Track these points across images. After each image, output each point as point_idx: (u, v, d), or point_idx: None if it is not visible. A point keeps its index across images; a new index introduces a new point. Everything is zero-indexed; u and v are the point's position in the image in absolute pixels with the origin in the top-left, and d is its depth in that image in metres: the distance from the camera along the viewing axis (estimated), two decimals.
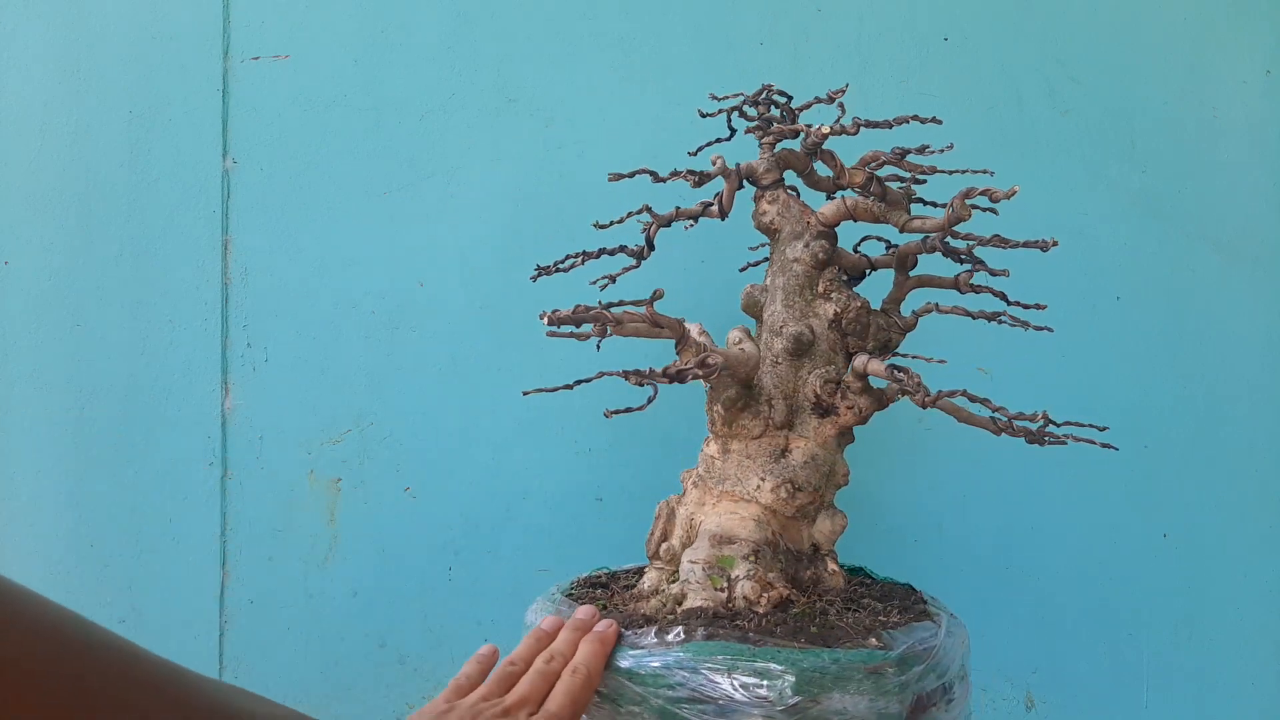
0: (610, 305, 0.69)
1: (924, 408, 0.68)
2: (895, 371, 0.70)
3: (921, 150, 0.73)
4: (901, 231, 0.76)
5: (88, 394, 1.07)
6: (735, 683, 0.61)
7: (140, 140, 1.07)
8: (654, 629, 0.66)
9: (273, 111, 1.08)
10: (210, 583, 1.07)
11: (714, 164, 0.78)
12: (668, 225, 0.78)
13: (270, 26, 1.08)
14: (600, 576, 0.81)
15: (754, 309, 0.80)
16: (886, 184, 0.75)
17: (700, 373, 0.69)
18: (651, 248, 0.79)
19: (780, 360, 0.75)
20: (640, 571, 0.79)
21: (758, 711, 0.60)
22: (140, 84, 1.07)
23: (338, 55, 1.08)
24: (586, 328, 0.69)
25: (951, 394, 0.67)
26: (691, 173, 0.77)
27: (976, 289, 0.74)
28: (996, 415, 0.68)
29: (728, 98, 0.80)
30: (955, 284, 0.75)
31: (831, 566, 0.75)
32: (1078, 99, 1.09)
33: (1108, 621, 1.09)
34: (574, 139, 1.08)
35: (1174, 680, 1.10)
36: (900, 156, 0.73)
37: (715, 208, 0.78)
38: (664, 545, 0.76)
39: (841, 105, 0.78)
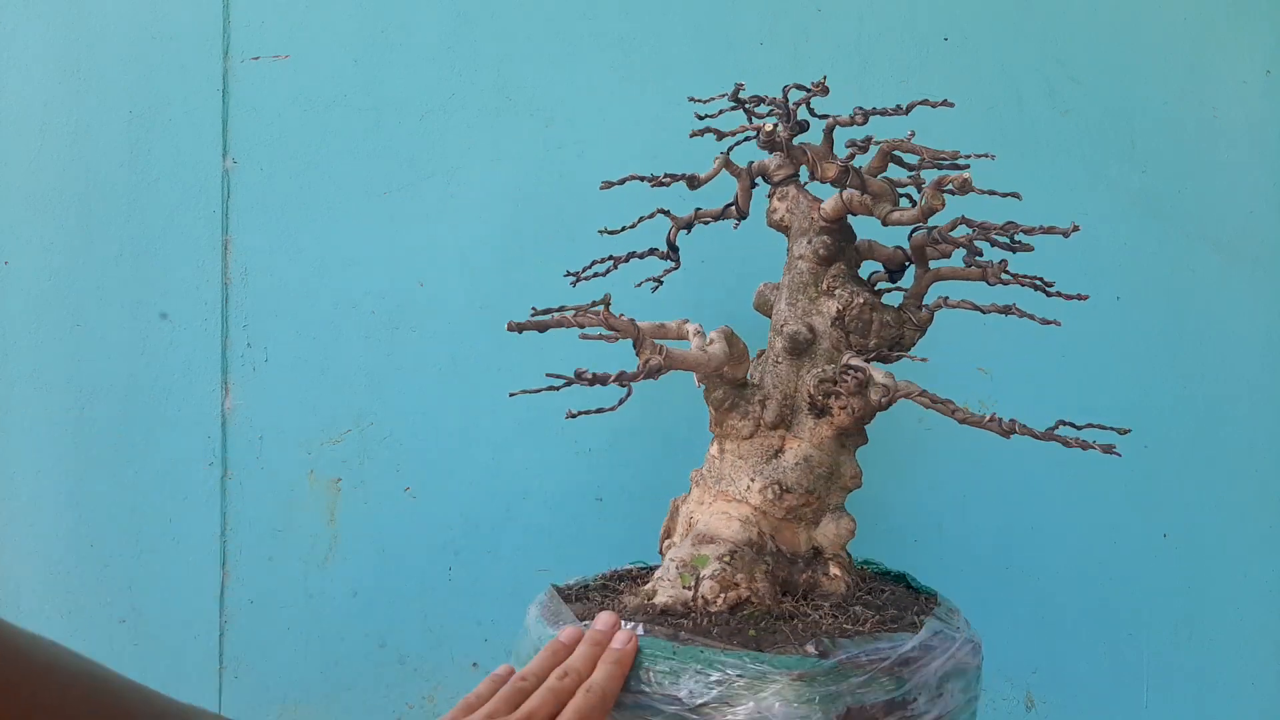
0: (559, 309, 0.69)
1: (883, 409, 0.68)
2: (846, 371, 0.70)
3: (867, 142, 0.73)
4: (884, 224, 0.74)
5: (88, 394, 1.07)
6: (652, 678, 0.61)
7: (140, 140, 1.07)
8: None
9: (273, 111, 1.08)
10: (210, 583, 1.07)
11: (716, 163, 0.78)
12: (688, 228, 0.78)
13: (270, 26, 1.08)
14: (633, 570, 0.81)
15: (765, 307, 0.80)
16: (867, 176, 0.74)
17: (613, 377, 0.66)
18: (674, 249, 0.78)
19: (780, 360, 0.75)
20: None
21: (669, 709, 0.60)
22: (140, 84, 1.07)
23: (338, 55, 1.08)
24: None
25: (909, 394, 0.67)
26: (670, 175, 0.77)
27: (1011, 279, 0.70)
28: (956, 416, 0.66)
29: (712, 99, 0.79)
30: (984, 275, 0.71)
31: (834, 571, 0.73)
32: (1078, 99, 1.09)
33: (1108, 621, 1.09)
34: (574, 139, 1.08)
35: (1174, 680, 1.10)
36: (864, 148, 0.72)
37: (734, 207, 0.78)
38: (666, 542, 0.76)
39: (776, 112, 0.77)
